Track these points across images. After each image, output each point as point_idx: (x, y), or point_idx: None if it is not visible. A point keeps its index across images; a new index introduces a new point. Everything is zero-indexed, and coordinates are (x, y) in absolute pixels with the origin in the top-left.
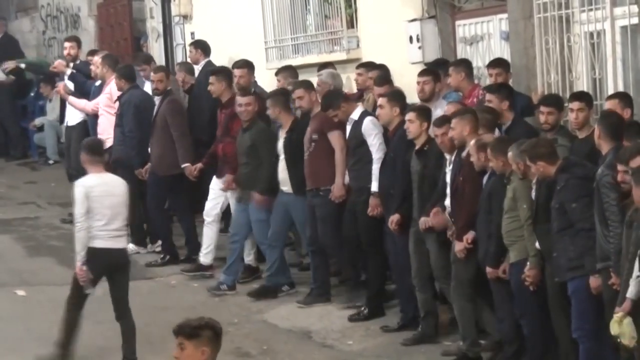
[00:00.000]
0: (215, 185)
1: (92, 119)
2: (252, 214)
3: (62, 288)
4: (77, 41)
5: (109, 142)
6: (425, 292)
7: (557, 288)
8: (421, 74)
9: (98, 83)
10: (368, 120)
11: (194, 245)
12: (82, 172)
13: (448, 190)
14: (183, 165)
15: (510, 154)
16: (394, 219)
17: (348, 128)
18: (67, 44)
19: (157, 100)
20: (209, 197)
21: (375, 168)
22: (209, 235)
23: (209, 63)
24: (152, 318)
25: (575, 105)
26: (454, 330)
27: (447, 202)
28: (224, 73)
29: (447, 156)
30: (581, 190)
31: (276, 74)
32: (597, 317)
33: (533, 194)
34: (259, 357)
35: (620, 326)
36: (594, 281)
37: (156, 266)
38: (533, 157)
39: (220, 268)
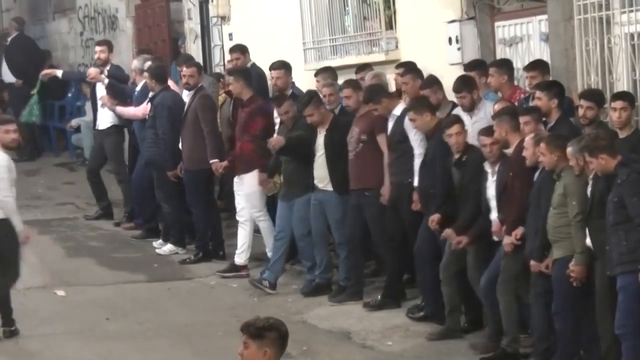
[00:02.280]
0: (237, 184)
1: (138, 122)
2: (295, 211)
3: (102, 288)
4: (108, 45)
5: None
6: (451, 286)
7: (607, 285)
8: (457, 89)
9: (139, 87)
10: None
11: (219, 241)
12: (124, 177)
13: (493, 204)
14: (211, 161)
15: (569, 149)
16: (434, 218)
17: (390, 124)
18: (97, 48)
19: (187, 95)
20: (235, 197)
21: (417, 163)
22: (242, 234)
23: (254, 66)
24: (192, 319)
25: (618, 104)
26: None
27: (493, 216)
28: (240, 73)
29: (489, 169)
30: None
31: (315, 75)
32: None
33: (589, 190)
34: (299, 357)
35: None
36: None
37: (190, 263)
38: (594, 150)
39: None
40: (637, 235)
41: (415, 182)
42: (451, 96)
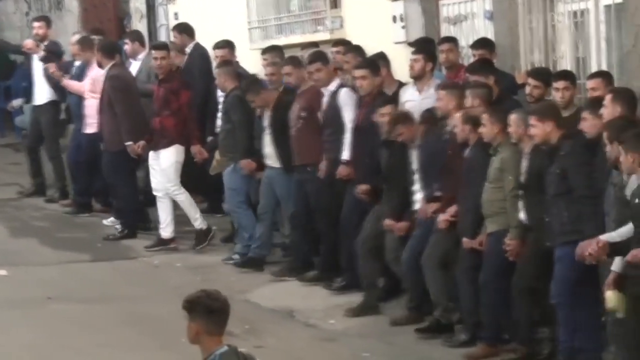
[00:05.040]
0: (153, 160)
1: (75, 98)
2: (226, 182)
3: (46, 268)
4: (46, 21)
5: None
6: (368, 261)
7: (539, 259)
8: (413, 52)
9: (77, 63)
10: (344, 91)
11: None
12: (56, 154)
13: (416, 174)
14: (126, 144)
15: (513, 116)
16: (362, 188)
17: (325, 100)
18: (35, 24)
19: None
20: (151, 172)
21: (347, 137)
22: (163, 209)
23: (198, 45)
24: (137, 298)
25: (560, 84)
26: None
27: (416, 186)
28: (168, 48)
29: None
30: (586, 158)
31: (263, 53)
32: (578, 284)
33: (525, 163)
34: (242, 336)
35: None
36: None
37: (114, 240)
38: (544, 115)
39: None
40: (578, 206)
41: (345, 156)
42: (398, 75)
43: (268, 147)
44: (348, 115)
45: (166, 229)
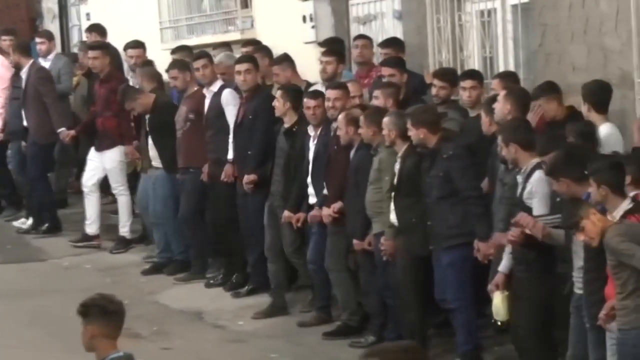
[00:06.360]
0: (93, 156)
1: None
2: (157, 190)
3: None
4: None
5: None
6: (277, 263)
7: (410, 261)
8: (325, 54)
9: None
10: (227, 91)
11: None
12: None
13: (310, 167)
14: (58, 130)
15: (386, 119)
16: (249, 178)
17: (207, 101)
18: None
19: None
20: (86, 168)
21: (232, 136)
22: (90, 205)
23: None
24: (45, 300)
25: (467, 83)
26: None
27: (309, 179)
28: (108, 48)
29: (312, 132)
30: (469, 159)
31: (172, 53)
32: (473, 286)
33: (397, 167)
34: (150, 337)
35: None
36: (484, 247)
37: (37, 236)
38: (417, 121)
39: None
40: (464, 208)
41: (229, 155)
42: (305, 75)
43: (152, 150)
44: (232, 116)
45: (91, 226)
